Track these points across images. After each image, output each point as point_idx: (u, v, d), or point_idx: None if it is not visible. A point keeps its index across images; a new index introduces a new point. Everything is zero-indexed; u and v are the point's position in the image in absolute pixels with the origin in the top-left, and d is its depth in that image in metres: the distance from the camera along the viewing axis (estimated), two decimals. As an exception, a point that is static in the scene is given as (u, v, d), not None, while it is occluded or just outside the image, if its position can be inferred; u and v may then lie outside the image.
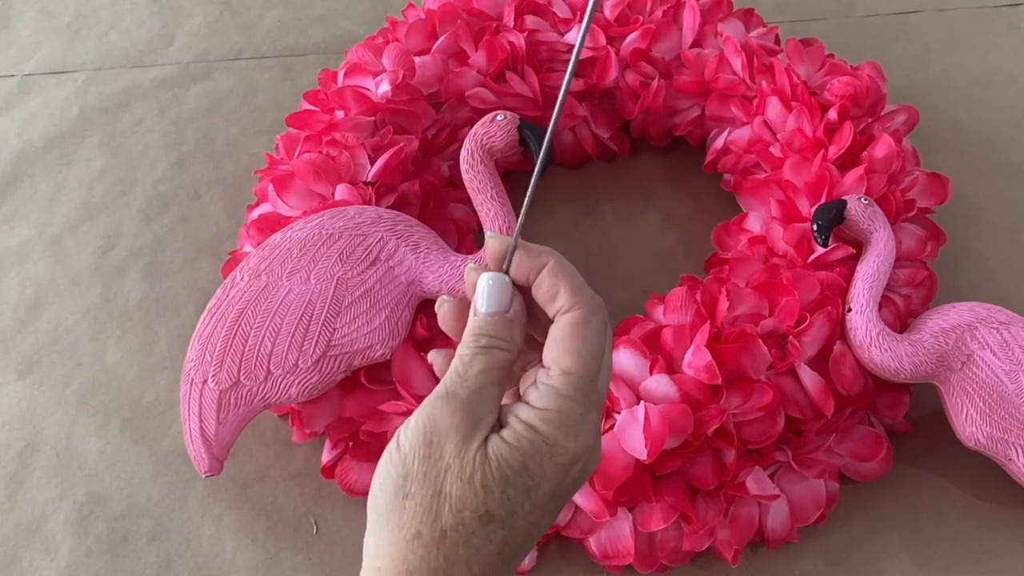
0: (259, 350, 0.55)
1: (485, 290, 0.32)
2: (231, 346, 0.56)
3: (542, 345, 0.32)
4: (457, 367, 0.31)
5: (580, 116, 0.75)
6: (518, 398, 0.32)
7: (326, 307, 0.56)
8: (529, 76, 0.71)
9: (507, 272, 0.32)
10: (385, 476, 0.30)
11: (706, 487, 0.56)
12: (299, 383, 0.56)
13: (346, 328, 0.56)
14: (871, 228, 0.60)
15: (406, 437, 0.31)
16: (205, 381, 0.56)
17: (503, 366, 0.31)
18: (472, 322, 0.32)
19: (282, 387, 0.56)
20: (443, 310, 0.34)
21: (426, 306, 0.61)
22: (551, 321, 0.33)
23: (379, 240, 0.58)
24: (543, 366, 0.32)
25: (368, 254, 0.58)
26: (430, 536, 0.28)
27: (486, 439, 0.29)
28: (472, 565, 0.28)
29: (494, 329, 0.31)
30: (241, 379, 0.56)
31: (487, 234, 0.34)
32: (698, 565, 0.59)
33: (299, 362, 0.55)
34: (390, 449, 0.31)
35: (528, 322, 0.32)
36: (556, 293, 0.32)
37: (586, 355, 0.31)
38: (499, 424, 0.31)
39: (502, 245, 0.32)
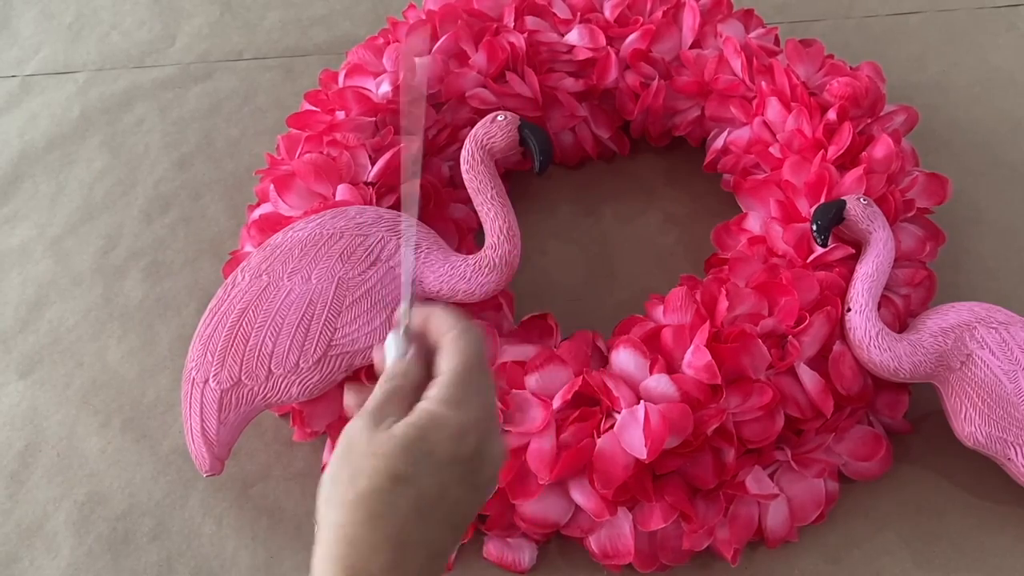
0: (260, 350, 0.55)
1: (389, 346, 0.41)
2: (232, 346, 0.56)
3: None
4: (371, 397, 0.39)
5: (580, 116, 0.75)
6: None
7: (327, 307, 0.56)
8: (529, 76, 0.71)
9: (404, 329, 0.41)
10: (324, 482, 0.37)
11: (706, 487, 0.56)
12: (300, 383, 0.56)
13: (347, 328, 0.56)
14: (870, 228, 0.60)
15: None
16: (206, 381, 0.56)
17: (402, 393, 0.38)
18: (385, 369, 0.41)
19: (283, 387, 0.56)
20: (347, 399, 0.45)
21: (426, 306, 0.61)
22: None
23: (380, 240, 0.58)
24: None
25: (369, 254, 0.58)
26: (354, 499, 0.35)
27: (390, 427, 0.36)
28: (390, 518, 0.34)
29: (393, 369, 0.40)
30: (242, 379, 0.56)
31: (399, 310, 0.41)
32: (698, 564, 0.59)
33: (300, 362, 0.55)
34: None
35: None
36: (437, 329, 0.40)
37: (466, 353, 0.38)
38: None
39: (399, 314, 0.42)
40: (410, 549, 0.35)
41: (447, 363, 0.38)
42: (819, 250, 0.61)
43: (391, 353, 0.41)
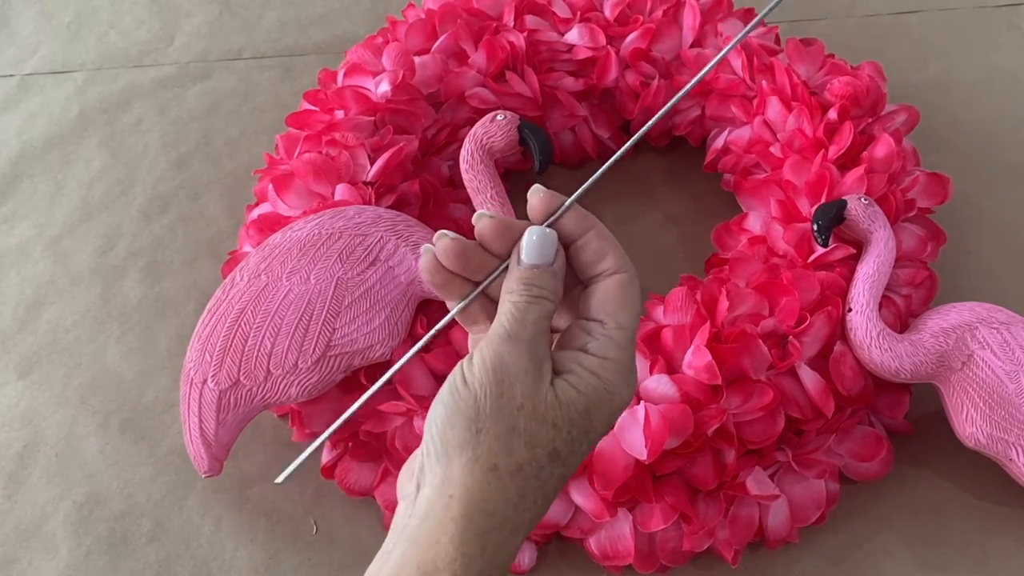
0: (259, 350, 0.55)
1: (534, 243, 0.33)
2: (231, 346, 0.56)
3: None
4: (513, 312, 0.33)
5: (580, 116, 0.75)
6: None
7: (326, 307, 0.56)
8: (529, 76, 0.71)
9: (551, 227, 0.34)
10: (454, 410, 0.32)
11: (706, 487, 0.56)
12: (299, 383, 0.56)
13: (346, 328, 0.56)
14: (871, 228, 0.60)
15: (473, 375, 0.32)
16: (205, 381, 0.56)
17: (550, 316, 0.33)
18: (519, 271, 0.34)
19: (282, 387, 0.56)
20: (483, 223, 0.35)
21: (426, 307, 0.61)
22: (581, 280, 0.35)
23: (379, 240, 0.58)
24: (590, 319, 0.34)
25: (368, 254, 0.57)
26: (506, 469, 0.30)
27: (552, 383, 0.32)
28: (537, 497, 0.31)
29: (542, 280, 0.33)
30: (241, 379, 0.56)
31: (533, 189, 0.35)
32: (698, 565, 0.59)
33: (299, 362, 0.55)
34: (455, 384, 0.32)
35: None
36: (604, 255, 0.34)
37: (634, 313, 0.34)
38: (556, 370, 0.33)
39: (552, 201, 0.35)
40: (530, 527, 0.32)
41: (619, 315, 0.33)
42: (820, 250, 0.61)
43: (535, 251, 0.33)
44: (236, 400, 0.56)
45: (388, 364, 0.58)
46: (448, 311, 0.36)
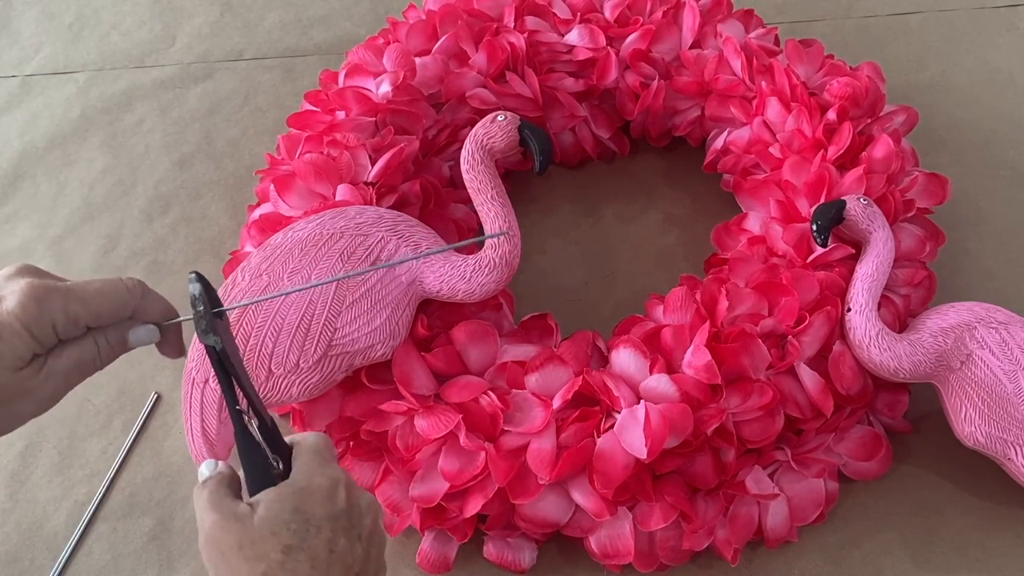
0: (260, 350, 0.55)
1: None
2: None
3: None
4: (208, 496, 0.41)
5: (580, 116, 0.75)
6: None
7: (327, 307, 0.56)
8: (529, 77, 0.71)
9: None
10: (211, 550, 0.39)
11: (706, 486, 0.56)
12: (300, 382, 0.56)
13: (347, 328, 0.56)
14: (870, 228, 0.60)
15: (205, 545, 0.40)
16: (207, 381, 0.56)
17: (226, 479, 0.41)
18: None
19: (283, 387, 0.56)
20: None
21: (426, 307, 0.61)
22: None
23: (380, 240, 0.58)
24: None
25: (369, 254, 0.58)
26: None
27: (255, 510, 0.38)
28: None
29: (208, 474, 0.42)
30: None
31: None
32: (698, 564, 0.59)
33: (300, 362, 0.55)
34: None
35: None
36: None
37: (308, 439, 0.42)
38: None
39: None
40: None
41: (295, 450, 0.41)
42: (819, 250, 0.61)
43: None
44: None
45: (389, 364, 0.58)
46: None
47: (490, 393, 0.56)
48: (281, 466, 0.41)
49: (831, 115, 0.66)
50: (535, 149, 0.61)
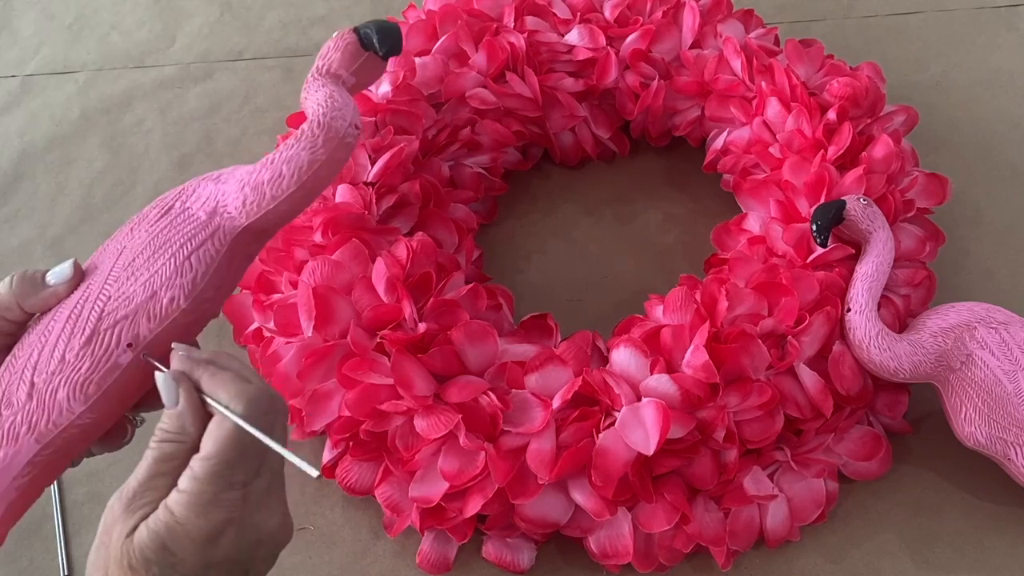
0: (23, 368, 0.41)
1: (161, 388, 0.36)
2: None
3: None
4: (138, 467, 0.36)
5: (580, 116, 0.75)
6: None
7: (102, 282, 0.43)
8: (529, 77, 0.71)
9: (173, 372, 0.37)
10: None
11: (706, 487, 0.56)
12: (67, 381, 0.40)
13: (119, 288, 0.42)
14: (870, 228, 0.60)
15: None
16: None
17: (172, 456, 0.35)
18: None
19: (48, 397, 0.40)
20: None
21: (425, 305, 0.61)
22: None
23: (181, 190, 0.47)
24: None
25: (163, 207, 0.45)
26: None
27: (138, 524, 0.33)
28: None
29: (165, 423, 0.36)
30: (2, 411, 0.40)
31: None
32: (697, 564, 0.59)
33: (66, 353, 0.41)
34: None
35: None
36: (214, 393, 0.36)
37: (225, 441, 0.34)
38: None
39: (176, 350, 0.38)
40: None
41: (206, 446, 0.34)
42: (819, 250, 0.61)
43: (165, 399, 0.36)
44: None
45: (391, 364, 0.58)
46: None
47: (490, 393, 0.56)
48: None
49: (831, 115, 0.66)
50: (373, 33, 0.49)
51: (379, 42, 0.48)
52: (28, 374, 0.41)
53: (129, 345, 0.41)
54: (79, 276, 0.42)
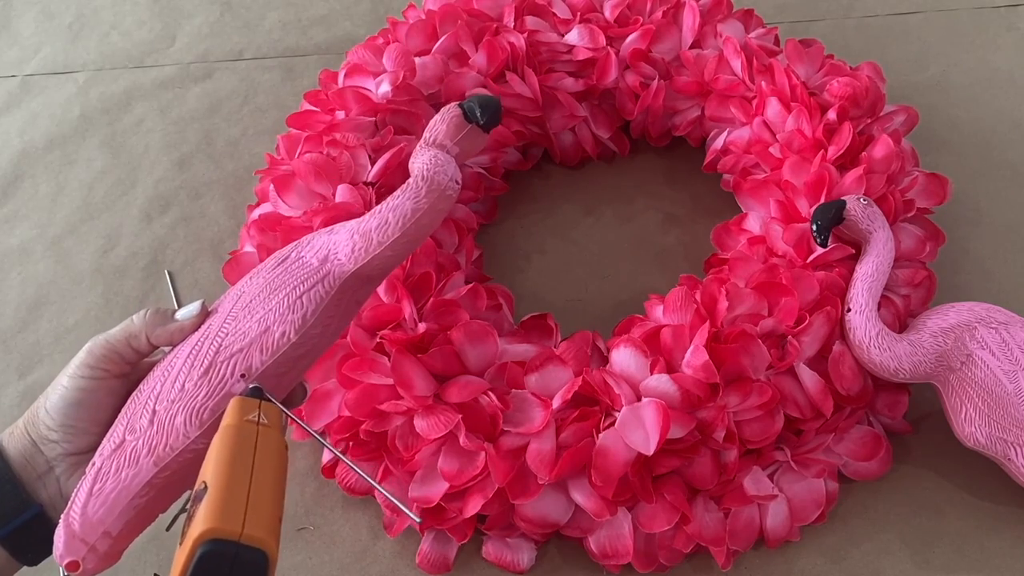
0: (146, 399, 0.45)
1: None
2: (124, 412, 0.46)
3: None
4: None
5: (580, 116, 0.75)
6: None
7: (220, 323, 0.47)
8: (529, 76, 0.71)
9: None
10: None
11: (706, 487, 0.56)
12: (185, 407, 0.45)
13: (235, 324, 0.47)
14: (870, 228, 0.60)
15: None
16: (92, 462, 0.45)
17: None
18: None
19: (167, 423, 0.44)
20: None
21: (424, 305, 0.61)
22: None
23: (297, 243, 0.50)
24: None
25: (280, 257, 0.50)
26: None
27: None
28: None
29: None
30: (126, 437, 0.45)
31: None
32: (697, 564, 0.59)
33: (186, 383, 0.45)
34: None
35: None
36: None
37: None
38: None
39: None
40: None
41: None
42: (819, 250, 0.61)
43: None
44: (117, 465, 0.44)
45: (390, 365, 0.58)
46: None
47: (490, 393, 0.56)
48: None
49: (831, 115, 0.66)
50: (477, 110, 0.53)
51: (481, 115, 0.52)
52: (151, 404, 0.45)
53: (242, 375, 0.45)
54: (204, 315, 0.47)
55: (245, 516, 0.37)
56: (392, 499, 0.44)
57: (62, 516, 0.43)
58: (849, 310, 0.59)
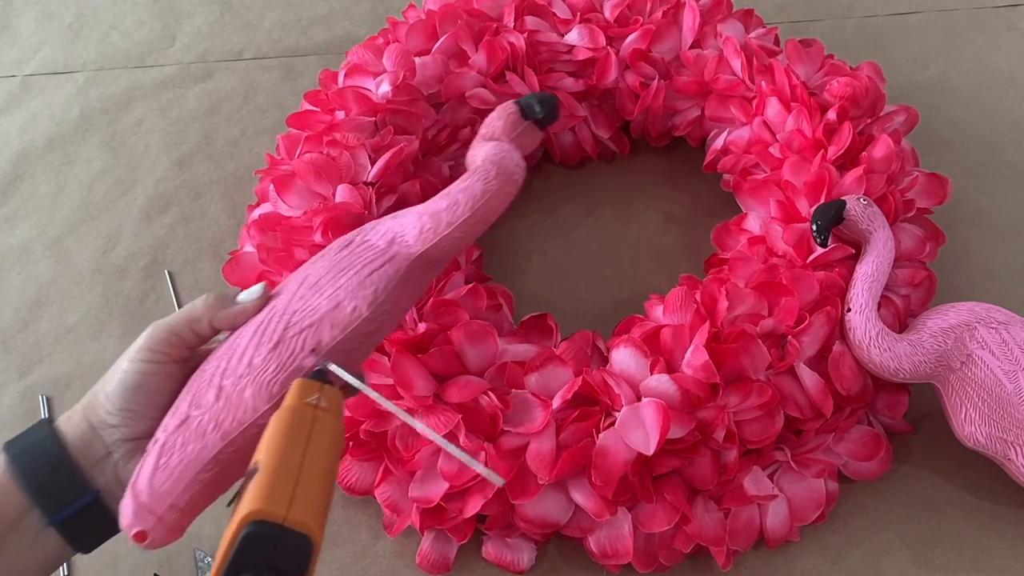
0: (212, 375, 0.45)
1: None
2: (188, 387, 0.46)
3: None
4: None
5: (580, 116, 0.75)
6: None
7: (287, 302, 0.47)
8: (529, 77, 0.71)
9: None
10: None
11: (706, 487, 0.56)
12: (254, 381, 0.44)
13: (304, 302, 0.46)
14: (870, 228, 0.60)
15: None
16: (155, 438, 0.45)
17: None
18: None
19: (236, 397, 0.44)
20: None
21: (424, 306, 0.61)
22: None
23: (361, 228, 0.50)
24: None
25: (344, 242, 0.49)
26: None
27: None
28: None
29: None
30: (191, 413, 0.44)
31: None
32: (697, 564, 0.59)
33: (253, 359, 0.45)
34: None
35: None
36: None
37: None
38: None
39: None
40: None
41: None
42: (819, 250, 0.61)
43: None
44: (184, 440, 0.44)
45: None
46: None
47: (490, 393, 0.56)
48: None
49: (831, 115, 0.66)
50: (535, 106, 0.53)
51: (539, 111, 0.53)
52: (217, 379, 0.44)
53: (313, 350, 0.45)
54: (265, 297, 0.47)
55: (292, 499, 0.36)
56: (472, 463, 0.41)
57: (128, 487, 0.43)
58: (849, 310, 0.59)
